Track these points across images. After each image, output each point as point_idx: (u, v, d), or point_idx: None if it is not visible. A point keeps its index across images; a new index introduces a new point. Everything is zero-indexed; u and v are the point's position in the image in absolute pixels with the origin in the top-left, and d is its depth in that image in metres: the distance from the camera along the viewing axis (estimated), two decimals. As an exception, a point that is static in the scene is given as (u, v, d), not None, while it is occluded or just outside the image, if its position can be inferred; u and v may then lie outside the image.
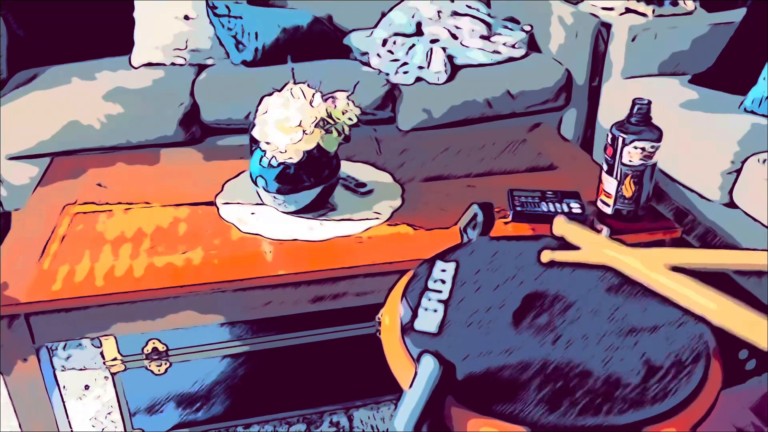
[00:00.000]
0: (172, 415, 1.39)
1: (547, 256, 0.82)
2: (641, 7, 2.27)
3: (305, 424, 1.44)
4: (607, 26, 2.19)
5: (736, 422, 1.06)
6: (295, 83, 1.17)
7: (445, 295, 0.77)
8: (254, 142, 1.21)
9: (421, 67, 2.13)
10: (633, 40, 2.14)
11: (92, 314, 1.06)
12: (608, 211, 1.23)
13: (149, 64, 2.17)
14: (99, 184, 1.37)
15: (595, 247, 0.81)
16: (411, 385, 0.61)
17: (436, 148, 1.54)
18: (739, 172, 1.68)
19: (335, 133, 1.17)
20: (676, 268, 0.74)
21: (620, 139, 1.15)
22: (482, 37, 2.29)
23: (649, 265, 0.75)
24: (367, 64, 2.21)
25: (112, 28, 2.20)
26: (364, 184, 1.33)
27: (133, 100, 1.97)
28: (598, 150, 2.23)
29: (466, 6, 2.39)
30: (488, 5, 2.50)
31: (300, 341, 1.37)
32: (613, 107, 2.17)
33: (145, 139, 1.97)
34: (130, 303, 1.07)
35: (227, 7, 2.17)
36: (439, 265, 0.82)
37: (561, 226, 0.86)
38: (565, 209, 1.22)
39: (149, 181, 1.38)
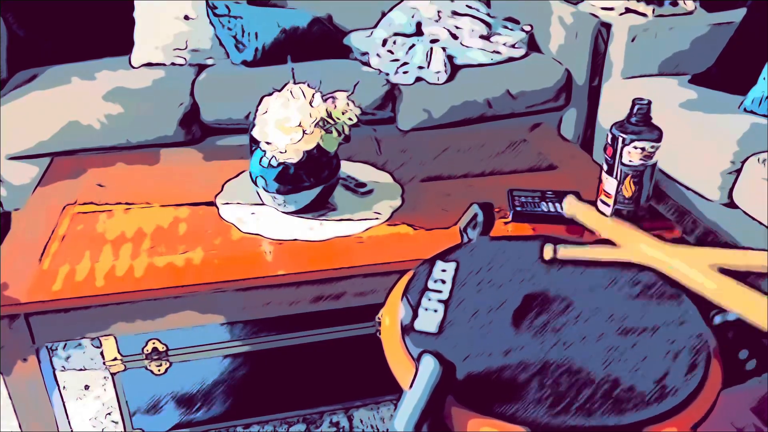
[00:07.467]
0: (172, 415, 1.39)
1: (555, 252, 0.81)
2: (641, 7, 2.27)
3: (305, 424, 1.44)
4: (607, 26, 2.19)
5: (736, 422, 1.06)
6: (295, 83, 1.17)
7: (445, 295, 0.77)
8: (254, 142, 1.21)
9: (421, 67, 2.13)
10: (633, 40, 2.14)
11: (92, 314, 1.06)
12: (608, 211, 1.23)
13: (149, 64, 2.17)
14: (99, 184, 1.37)
15: (628, 242, 0.80)
16: (411, 385, 0.61)
17: (436, 148, 1.54)
18: (739, 172, 1.68)
19: (335, 133, 1.17)
20: (722, 270, 0.73)
21: (620, 139, 1.15)
22: (482, 37, 2.29)
23: (694, 266, 0.75)
24: (367, 64, 2.21)
25: (112, 28, 2.20)
26: (364, 184, 1.33)
27: (133, 100, 1.97)
28: (598, 150, 2.23)
29: (466, 6, 2.39)
30: (488, 5, 2.50)
31: (300, 341, 1.37)
32: (613, 107, 2.17)
33: (145, 139, 1.97)
34: (130, 303, 1.07)
35: (227, 7, 2.17)
36: (439, 265, 0.82)
37: (572, 206, 0.85)
38: (565, 209, 1.22)
39: (149, 181, 1.38)
